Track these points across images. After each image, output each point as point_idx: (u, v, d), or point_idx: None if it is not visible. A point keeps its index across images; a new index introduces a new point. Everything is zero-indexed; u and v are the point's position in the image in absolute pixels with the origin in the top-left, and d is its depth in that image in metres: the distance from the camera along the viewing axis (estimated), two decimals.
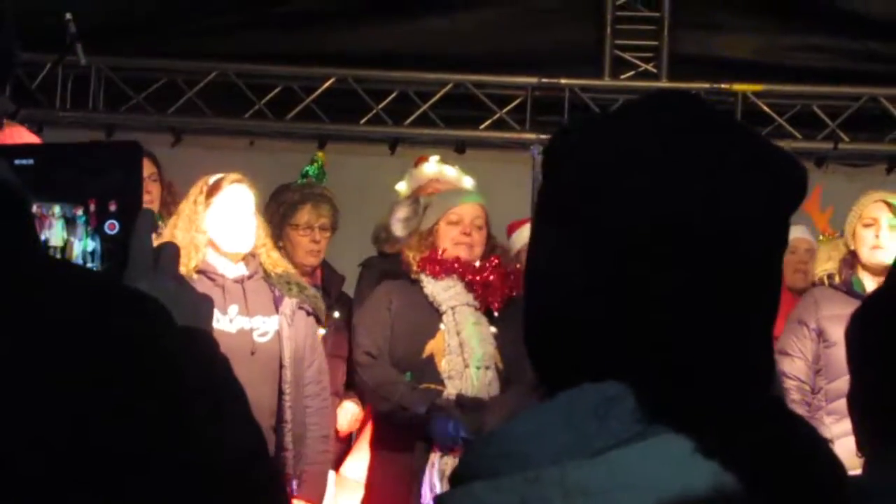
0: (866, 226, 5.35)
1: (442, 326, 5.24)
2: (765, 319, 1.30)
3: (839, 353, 3.97)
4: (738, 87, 8.37)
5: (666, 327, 1.25)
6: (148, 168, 5.85)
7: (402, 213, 5.55)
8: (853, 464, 1.55)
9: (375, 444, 5.35)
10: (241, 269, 5.04)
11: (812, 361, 5.31)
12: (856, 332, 1.57)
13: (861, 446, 1.60)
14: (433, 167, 6.00)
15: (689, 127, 1.29)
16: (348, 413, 5.80)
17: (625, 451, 1.19)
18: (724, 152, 1.27)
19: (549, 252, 1.32)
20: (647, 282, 1.25)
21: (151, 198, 5.72)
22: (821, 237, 6.69)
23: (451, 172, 5.99)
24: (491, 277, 5.32)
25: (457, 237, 5.34)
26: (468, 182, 5.89)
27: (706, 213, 1.25)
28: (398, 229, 5.53)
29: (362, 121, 8.50)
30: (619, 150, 1.28)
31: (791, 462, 1.22)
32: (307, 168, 6.66)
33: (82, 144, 1.62)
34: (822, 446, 1.26)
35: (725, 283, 1.26)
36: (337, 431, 5.72)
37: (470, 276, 5.30)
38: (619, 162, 1.27)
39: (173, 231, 4.98)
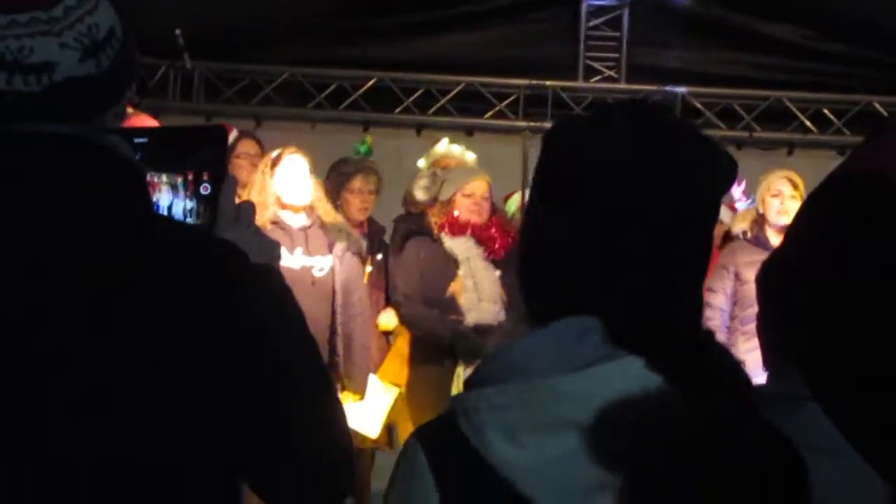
0: (773, 196, 5.37)
1: (460, 272, 5.22)
2: (699, 272, 1.32)
3: (750, 289, 3.99)
4: (678, 89, 8.36)
5: (628, 277, 1.27)
6: (254, 148, 5.84)
7: (422, 182, 5.52)
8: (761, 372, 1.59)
9: (412, 361, 5.34)
10: (303, 220, 5.03)
11: (730, 296, 5.33)
12: (762, 279, 1.58)
13: (765, 362, 1.61)
14: (444, 146, 5.91)
15: (651, 130, 1.29)
16: (389, 315, 5.74)
17: (597, 368, 1.21)
18: (677, 149, 1.28)
19: (542, 219, 1.33)
20: (615, 244, 1.26)
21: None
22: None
23: (457, 150, 5.90)
24: (493, 232, 5.32)
25: (470, 206, 5.32)
26: (470, 156, 5.80)
27: (664, 195, 1.26)
28: (420, 195, 5.51)
29: (396, 111, 8.45)
30: (601, 148, 1.28)
31: (711, 373, 1.24)
32: (359, 146, 6.63)
33: (183, 127, 1.63)
34: (734, 364, 1.29)
35: (674, 247, 1.27)
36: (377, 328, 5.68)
37: (478, 234, 5.28)
38: (600, 157, 1.28)
39: (250, 193, 4.94)
